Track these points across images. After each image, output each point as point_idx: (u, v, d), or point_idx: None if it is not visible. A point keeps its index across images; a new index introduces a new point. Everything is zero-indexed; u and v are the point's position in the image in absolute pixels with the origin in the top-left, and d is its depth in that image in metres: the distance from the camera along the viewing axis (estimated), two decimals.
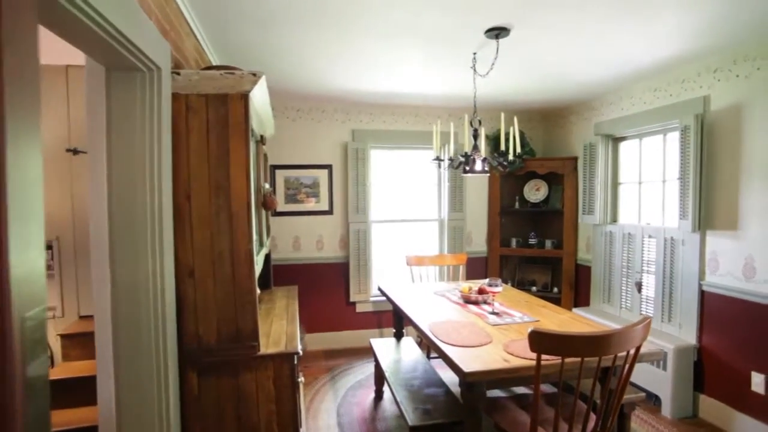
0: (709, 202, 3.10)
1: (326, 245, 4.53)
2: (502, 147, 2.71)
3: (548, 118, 4.97)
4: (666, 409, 3.17)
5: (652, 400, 3.30)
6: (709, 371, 3.14)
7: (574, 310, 4.16)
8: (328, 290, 4.54)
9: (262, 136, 2.59)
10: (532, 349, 1.71)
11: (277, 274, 4.30)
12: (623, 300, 3.85)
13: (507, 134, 3.69)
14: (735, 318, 2.96)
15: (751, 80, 2.85)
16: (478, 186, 4.85)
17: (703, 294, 3.16)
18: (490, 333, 2.37)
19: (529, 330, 1.70)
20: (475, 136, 2.85)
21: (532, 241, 4.77)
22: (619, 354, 1.76)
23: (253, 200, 1.99)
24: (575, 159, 4.43)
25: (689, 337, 3.21)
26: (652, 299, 3.54)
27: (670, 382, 3.12)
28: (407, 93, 4.00)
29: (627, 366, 1.84)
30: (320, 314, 4.53)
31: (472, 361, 1.97)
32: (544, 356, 1.75)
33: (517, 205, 4.83)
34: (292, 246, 4.45)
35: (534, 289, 4.75)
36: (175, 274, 1.83)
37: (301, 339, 4.22)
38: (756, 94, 2.82)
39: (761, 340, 2.81)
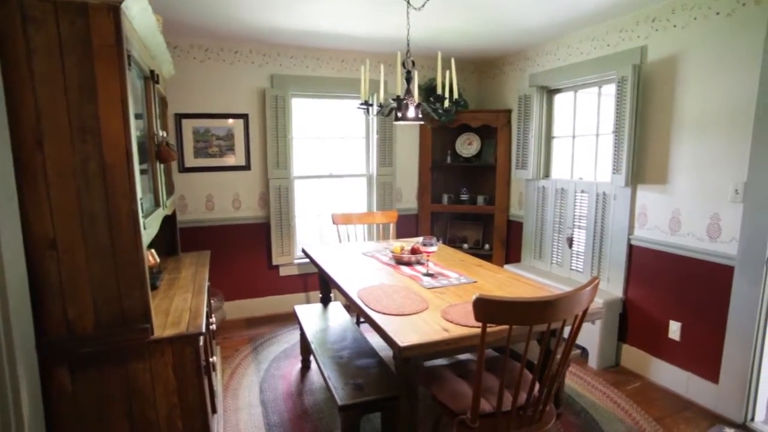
0: (642, 155, 3.07)
1: (244, 204, 4.09)
2: (439, 91, 2.42)
3: (482, 69, 4.76)
4: (593, 361, 3.23)
5: (580, 353, 3.35)
6: (632, 322, 3.22)
7: (506, 266, 4.12)
8: (247, 253, 4.14)
9: (153, 73, 2.10)
10: (478, 319, 1.51)
11: (187, 238, 3.83)
12: (554, 255, 3.85)
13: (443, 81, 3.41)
14: (659, 270, 3.01)
15: (687, 30, 2.77)
16: (408, 139, 4.59)
17: (631, 248, 3.18)
18: (425, 298, 2.16)
19: (474, 297, 1.48)
20: (408, 80, 2.53)
21: (464, 197, 4.64)
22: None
23: (135, 148, 1.56)
24: (509, 112, 4.28)
25: (617, 290, 3.25)
26: (583, 254, 3.55)
27: (598, 335, 3.16)
28: (332, 33, 3.56)
29: (573, 329, 1.71)
30: (240, 280, 4.14)
31: (408, 333, 1.75)
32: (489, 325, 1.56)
33: (449, 159, 4.65)
34: (205, 206, 3.97)
35: (465, 246, 4.67)
36: (27, 246, 1.39)
37: (218, 308, 3.84)
38: (691, 45, 2.74)
39: (681, 290, 2.88)
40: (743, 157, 2.51)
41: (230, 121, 3.96)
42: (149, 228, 1.82)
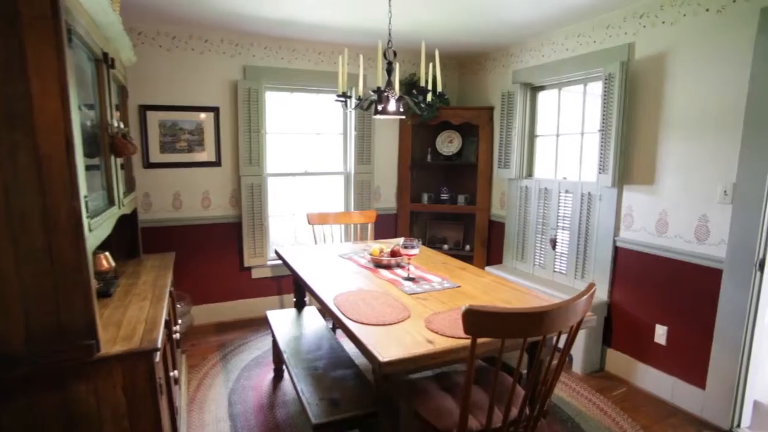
0: (628, 155, 2.98)
1: (214, 202, 3.86)
2: (422, 83, 2.27)
3: (464, 64, 4.63)
4: (577, 366, 3.13)
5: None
6: (617, 326, 3.13)
7: (487, 268, 4.01)
8: (218, 254, 3.91)
9: (107, 56, 1.88)
10: (467, 332, 1.36)
11: (152, 239, 3.59)
12: (537, 257, 3.75)
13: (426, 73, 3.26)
14: (645, 273, 2.93)
15: (676, 27, 2.69)
16: (387, 137, 4.42)
17: (616, 250, 3.09)
18: (407, 305, 2.00)
19: (464, 308, 1.33)
20: (389, 71, 2.37)
21: (445, 196, 4.51)
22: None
23: (79, 138, 1.35)
24: (491, 109, 4.16)
25: (602, 293, 3.16)
26: (566, 256, 3.45)
27: (583, 339, 3.07)
28: (309, 23, 3.37)
29: (568, 340, 1.58)
30: (209, 283, 3.91)
31: (389, 345, 1.59)
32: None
33: (429, 158, 4.51)
34: (172, 204, 3.72)
35: (445, 247, 4.54)
36: None
37: (186, 314, 3.60)
38: (680, 42, 2.66)
39: (668, 294, 2.81)
40: (732, 157, 2.44)
41: (200, 114, 3.73)
42: (98, 229, 1.60)
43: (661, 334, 2.86)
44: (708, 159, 2.56)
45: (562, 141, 3.61)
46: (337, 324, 1.89)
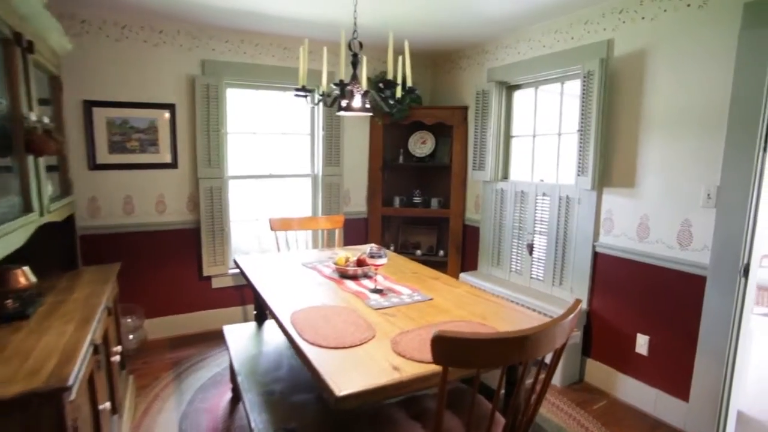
0: (609, 157, 2.85)
1: (170, 207, 3.57)
2: (390, 76, 2.07)
3: (438, 63, 4.46)
4: (556, 377, 2.98)
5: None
6: (597, 335, 2.99)
7: (462, 275, 3.84)
8: (174, 263, 3.62)
9: (21, 37, 1.61)
10: (437, 361, 1.16)
11: (100, 248, 3.29)
12: (513, 263, 3.59)
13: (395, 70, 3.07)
14: (626, 280, 2.80)
15: (656, 23, 2.57)
16: (357, 137, 4.21)
17: (596, 255, 2.96)
18: (372, 322, 1.79)
19: (433, 334, 1.13)
20: (355, 64, 2.16)
21: (417, 199, 4.33)
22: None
23: None
24: (466, 108, 4.00)
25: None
26: (544, 262, 3.30)
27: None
28: (273, 15, 3.14)
29: (552, 363, 1.39)
30: (165, 293, 3.62)
31: (348, 374, 1.37)
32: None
33: (401, 159, 4.31)
34: (123, 209, 3.42)
35: (418, 252, 4.35)
36: None
37: (137, 328, 3.31)
38: (661, 38, 2.54)
39: (649, 302, 2.68)
40: (716, 159, 2.32)
41: (153, 111, 3.44)
42: (3, 239, 1.35)
43: (642, 344, 2.73)
44: (691, 160, 2.44)
45: (539, 142, 3.47)
46: (291, 346, 1.66)
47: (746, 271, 2.28)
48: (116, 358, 2.15)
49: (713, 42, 2.32)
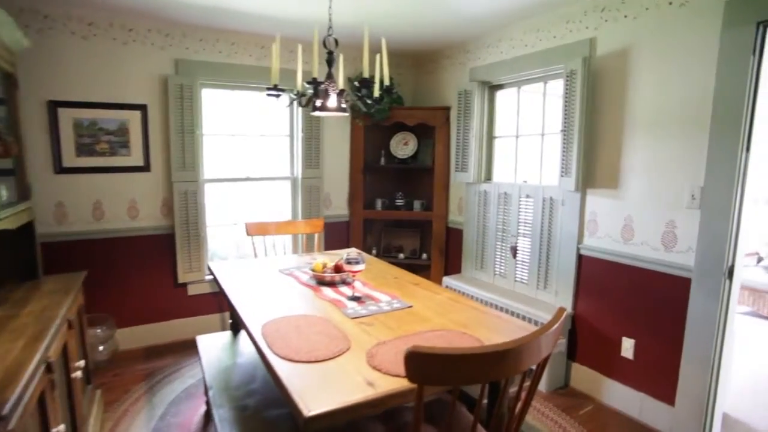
0: (592, 157, 2.80)
1: (143, 212, 3.43)
2: (365, 74, 1.98)
3: (419, 63, 4.39)
4: (541, 383, 2.92)
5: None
6: (582, 339, 2.94)
7: (445, 278, 3.77)
8: (148, 270, 3.48)
9: None
10: (412, 379, 1.07)
11: (68, 255, 3.15)
12: (497, 266, 3.53)
13: (372, 69, 2.99)
14: (611, 283, 2.75)
15: (639, 21, 2.52)
16: (338, 139, 4.12)
17: (580, 258, 2.90)
18: (347, 333, 1.70)
19: (406, 351, 1.05)
20: (330, 62, 2.08)
21: (400, 202, 4.24)
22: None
23: None
24: (448, 109, 3.93)
25: (565, 304, 2.97)
26: (528, 264, 3.24)
27: None
28: (249, 12, 3.03)
29: (535, 376, 1.32)
30: (138, 302, 3.47)
31: (319, 391, 1.28)
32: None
33: (383, 161, 4.23)
34: (92, 214, 3.27)
35: (401, 256, 4.27)
36: None
37: (108, 339, 3.17)
38: (643, 37, 2.50)
39: (634, 305, 2.64)
40: (700, 159, 2.28)
41: (124, 112, 3.30)
42: None
43: (628, 347, 2.68)
44: (675, 161, 2.40)
45: (522, 143, 3.41)
46: (261, 360, 1.56)
47: (731, 273, 2.25)
48: (77, 374, 2.02)
49: (695, 41, 2.28)
